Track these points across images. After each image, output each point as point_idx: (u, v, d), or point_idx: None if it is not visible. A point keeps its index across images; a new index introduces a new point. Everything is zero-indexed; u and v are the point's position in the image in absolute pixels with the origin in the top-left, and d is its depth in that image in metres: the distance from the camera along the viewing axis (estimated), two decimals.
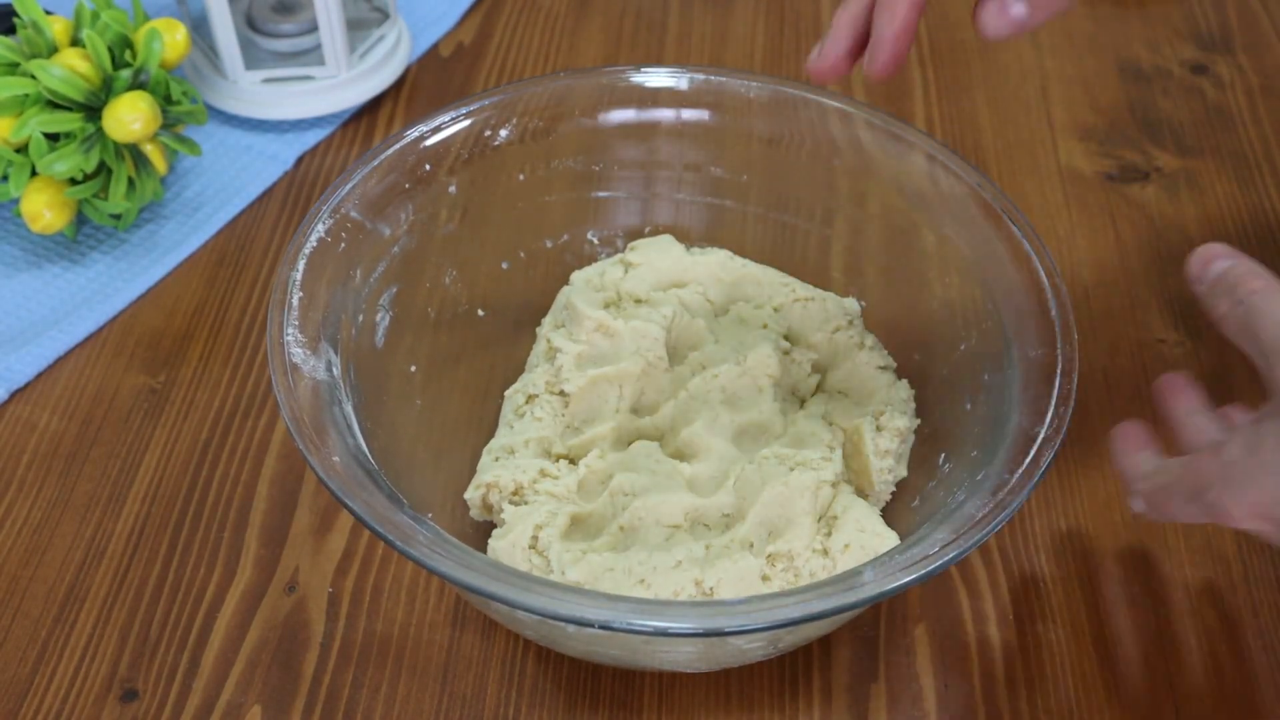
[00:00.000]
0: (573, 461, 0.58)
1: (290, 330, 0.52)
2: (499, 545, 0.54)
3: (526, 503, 0.56)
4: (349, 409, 0.53)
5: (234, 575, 0.61)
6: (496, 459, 0.58)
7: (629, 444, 0.59)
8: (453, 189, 0.62)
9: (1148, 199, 0.79)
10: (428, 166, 0.61)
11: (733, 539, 0.54)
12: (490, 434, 0.61)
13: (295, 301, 0.53)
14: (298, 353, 0.52)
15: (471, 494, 0.57)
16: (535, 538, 0.53)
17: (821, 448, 0.57)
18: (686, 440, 0.58)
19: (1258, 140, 0.82)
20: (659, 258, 0.64)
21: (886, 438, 0.58)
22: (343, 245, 0.57)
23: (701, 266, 0.64)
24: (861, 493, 0.58)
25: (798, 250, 0.66)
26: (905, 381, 0.61)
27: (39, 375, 0.69)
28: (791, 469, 0.55)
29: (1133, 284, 0.73)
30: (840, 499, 0.55)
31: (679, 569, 0.52)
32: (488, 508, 0.57)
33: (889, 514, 0.57)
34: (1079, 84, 0.86)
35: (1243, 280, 0.45)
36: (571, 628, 0.48)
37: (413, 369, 0.61)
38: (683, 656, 0.53)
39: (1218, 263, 0.47)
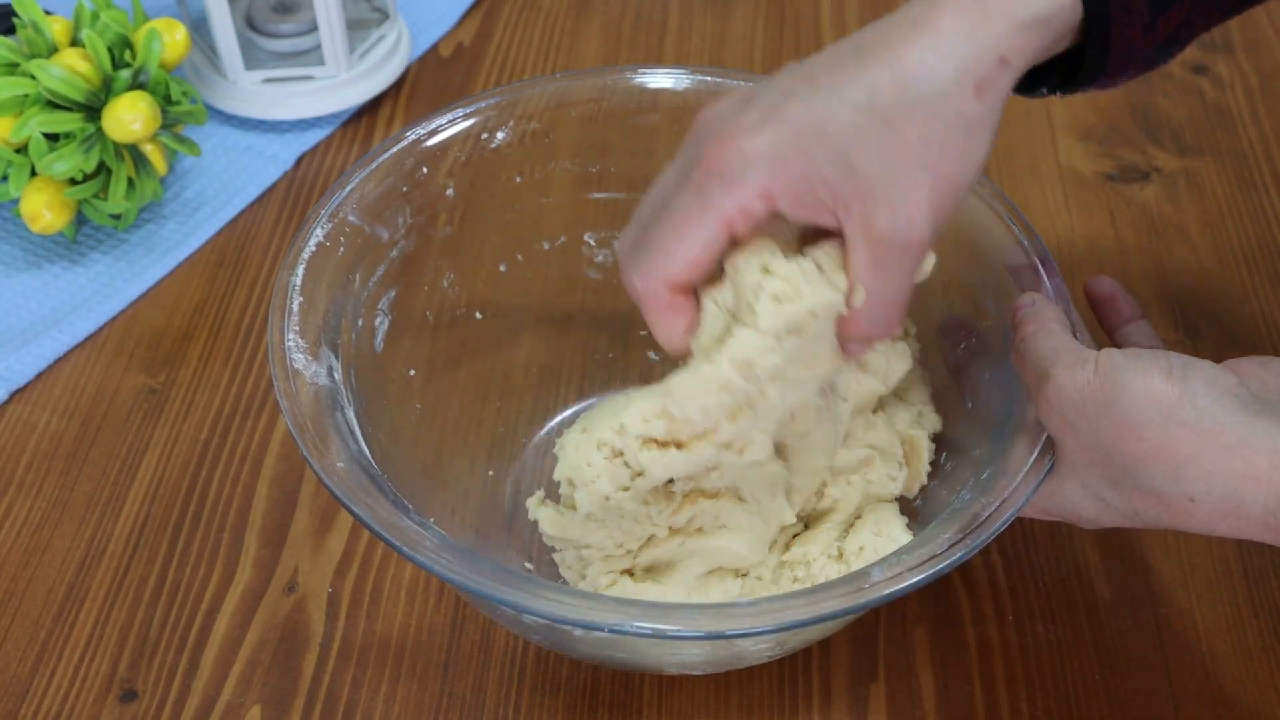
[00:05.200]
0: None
1: (291, 335, 0.52)
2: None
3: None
4: (351, 414, 0.52)
5: (234, 575, 0.61)
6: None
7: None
8: (450, 192, 0.61)
9: (1148, 199, 0.79)
10: (425, 170, 0.60)
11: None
12: (489, 436, 0.61)
13: (295, 307, 0.53)
14: (299, 358, 0.52)
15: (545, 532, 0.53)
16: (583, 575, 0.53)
17: (893, 464, 0.56)
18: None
19: (1258, 140, 0.82)
20: None
21: (931, 446, 0.57)
22: (341, 249, 0.56)
23: None
24: (907, 494, 0.57)
25: None
26: (925, 374, 0.60)
27: (39, 375, 0.69)
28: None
29: (1133, 284, 0.73)
30: (868, 503, 0.55)
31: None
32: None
33: None
34: None
35: (1024, 322, 0.50)
36: (579, 631, 0.48)
37: (411, 373, 0.61)
38: (689, 659, 0.53)
39: (1023, 309, 0.51)
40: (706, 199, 0.44)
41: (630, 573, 0.53)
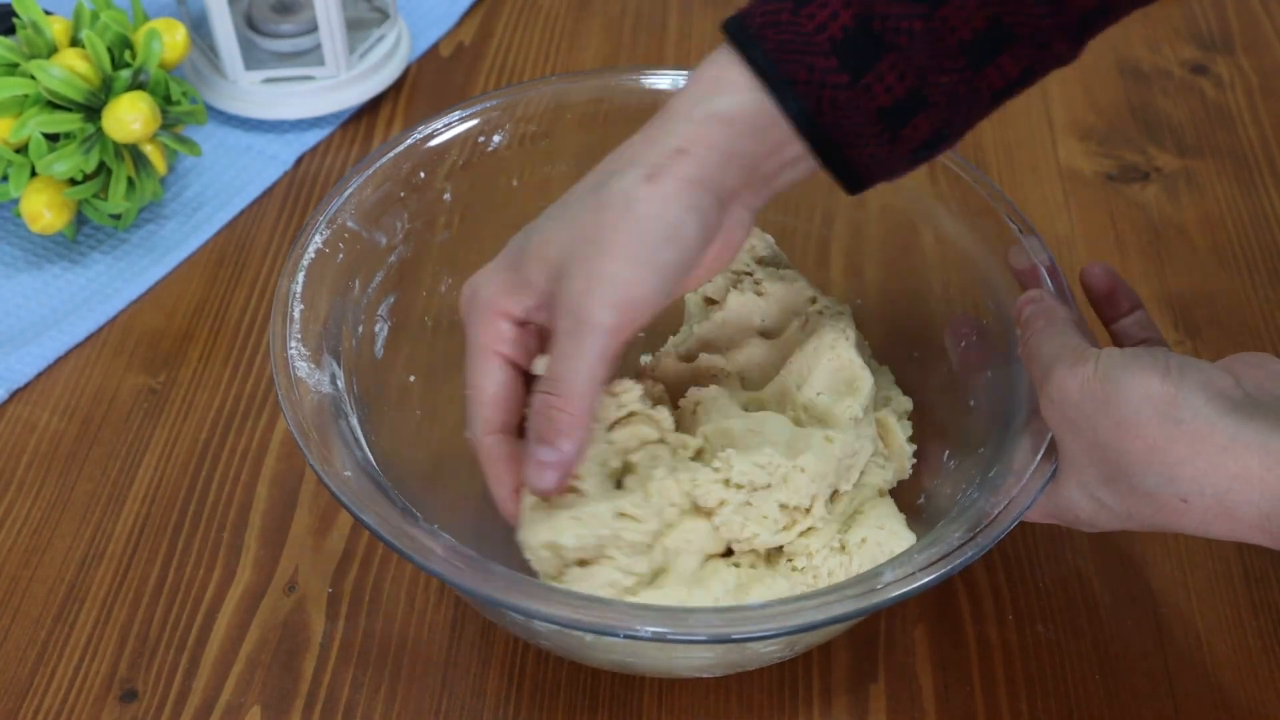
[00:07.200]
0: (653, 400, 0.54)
1: (293, 343, 0.52)
2: None
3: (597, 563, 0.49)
4: (354, 422, 0.52)
5: (234, 575, 0.61)
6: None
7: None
8: (448, 196, 0.61)
9: (1148, 199, 0.79)
10: (423, 174, 0.60)
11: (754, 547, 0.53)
12: None
13: (297, 314, 0.53)
14: (302, 366, 0.52)
15: (534, 549, 0.49)
16: None
17: (878, 455, 0.57)
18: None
19: (1258, 140, 0.82)
20: None
21: (905, 425, 0.58)
22: (340, 255, 0.56)
23: None
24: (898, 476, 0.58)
25: (798, 250, 0.66)
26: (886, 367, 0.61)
27: (39, 375, 0.69)
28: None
29: (1133, 284, 0.73)
30: (867, 496, 0.56)
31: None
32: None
33: None
34: (1079, 84, 0.86)
35: (1032, 319, 0.51)
36: (590, 636, 0.47)
37: (411, 378, 0.61)
38: (700, 661, 0.53)
39: (1028, 306, 0.52)
40: (470, 344, 0.50)
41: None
